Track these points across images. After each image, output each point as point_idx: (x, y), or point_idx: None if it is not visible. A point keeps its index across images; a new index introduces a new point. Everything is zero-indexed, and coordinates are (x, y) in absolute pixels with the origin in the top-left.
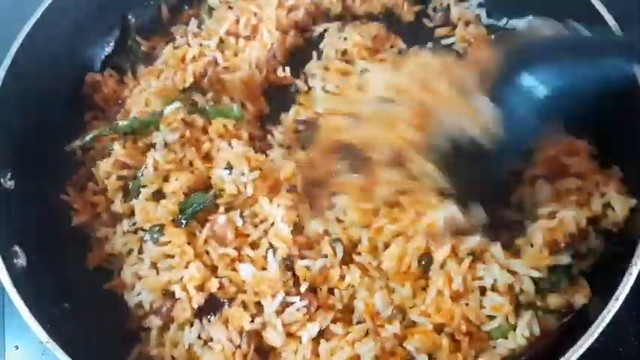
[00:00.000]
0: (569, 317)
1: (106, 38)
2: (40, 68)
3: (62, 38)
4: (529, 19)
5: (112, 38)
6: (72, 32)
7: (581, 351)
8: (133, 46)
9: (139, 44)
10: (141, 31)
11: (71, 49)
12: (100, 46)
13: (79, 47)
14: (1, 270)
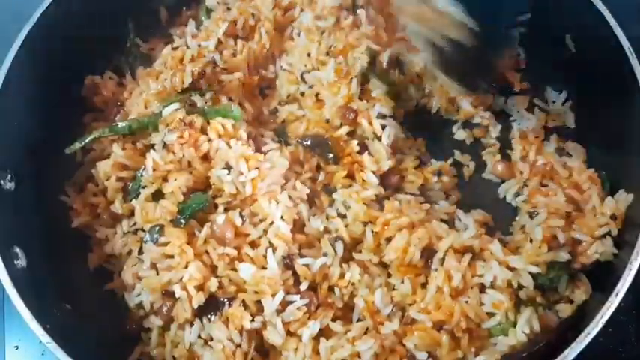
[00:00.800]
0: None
1: (106, 40)
2: (40, 70)
3: (62, 40)
4: None
5: (112, 40)
6: (72, 34)
7: (582, 346)
8: (132, 48)
9: (138, 46)
10: (140, 33)
11: (71, 51)
12: (99, 49)
13: (78, 49)
14: (1, 271)
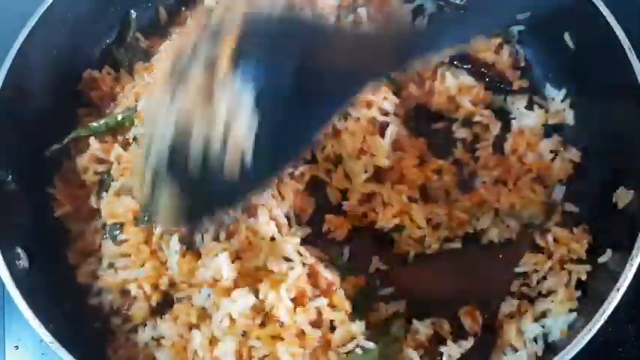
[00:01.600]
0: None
1: (107, 35)
2: (42, 65)
3: (64, 36)
4: None
5: (113, 35)
6: (72, 31)
7: (588, 337)
8: (133, 43)
9: (138, 40)
10: (140, 29)
11: (72, 46)
12: (100, 44)
13: (79, 45)
14: (3, 271)
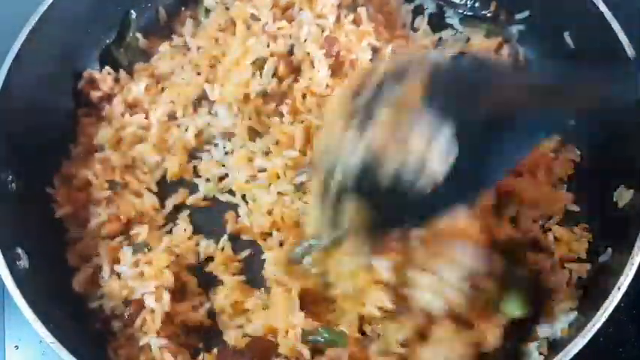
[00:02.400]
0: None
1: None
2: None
3: (64, 36)
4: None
5: (112, 35)
6: (72, 31)
7: (590, 335)
8: (132, 43)
9: (138, 40)
10: (140, 29)
11: (72, 46)
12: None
13: (79, 45)
14: (3, 272)
